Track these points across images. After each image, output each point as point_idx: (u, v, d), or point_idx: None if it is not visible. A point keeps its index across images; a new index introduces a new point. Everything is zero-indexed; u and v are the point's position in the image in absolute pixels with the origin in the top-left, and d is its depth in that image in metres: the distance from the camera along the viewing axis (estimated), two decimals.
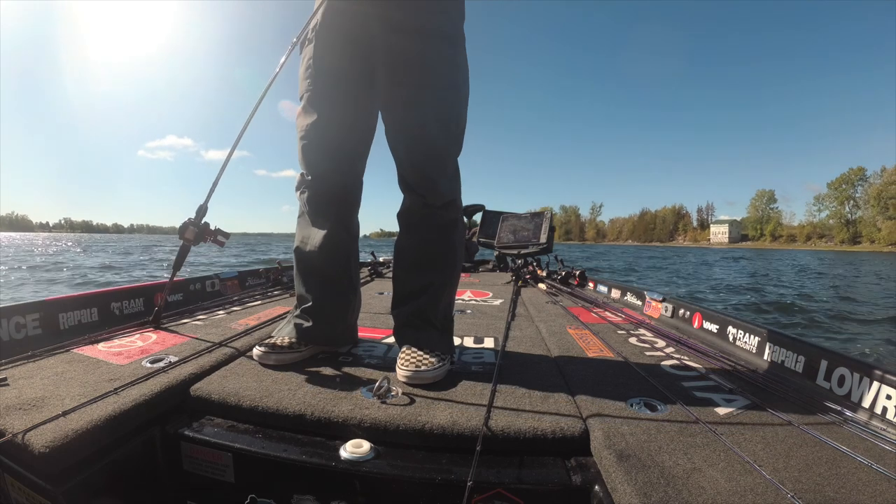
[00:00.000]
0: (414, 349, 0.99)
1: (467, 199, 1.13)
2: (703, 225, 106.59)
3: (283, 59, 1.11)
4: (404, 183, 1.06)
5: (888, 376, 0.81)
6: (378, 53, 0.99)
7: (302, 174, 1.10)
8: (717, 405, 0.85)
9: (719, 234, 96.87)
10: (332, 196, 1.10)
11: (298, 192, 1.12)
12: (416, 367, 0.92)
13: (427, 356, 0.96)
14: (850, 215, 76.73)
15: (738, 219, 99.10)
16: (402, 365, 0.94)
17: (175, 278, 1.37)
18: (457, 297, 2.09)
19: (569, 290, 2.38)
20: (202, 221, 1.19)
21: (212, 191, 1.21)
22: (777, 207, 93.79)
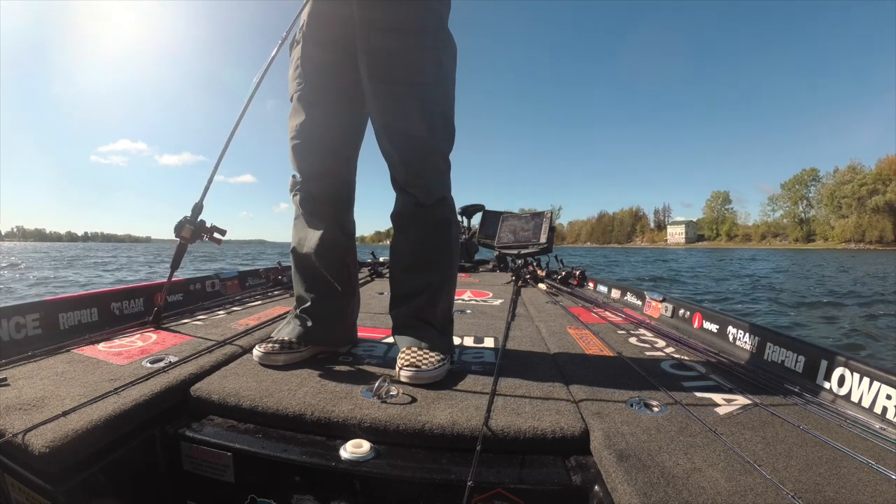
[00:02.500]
0: (414, 349, 0.99)
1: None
2: (660, 226, 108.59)
3: (268, 60, 1.11)
4: (395, 183, 1.06)
5: (888, 376, 0.81)
6: (361, 52, 0.98)
7: (294, 176, 1.10)
8: (718, 405, 0.85)
9: (676, 234, 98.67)
10: (325, 197, 1.09)
11: (292, 195, 1.11)
12: (416, 366, 0.92)
13: (427, 356, 0.96)
14: (803, 214, 78.61)
15: (695, 220, 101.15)
16: (402, 365, 0.94)
17: (175, 279, 1.37)
18: (457, 297, 2.09)
19: (569, 290, 2.38)
20: (198, 219, 1.18)
21: (206, 189, 1.21)
22: (732, 208, 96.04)
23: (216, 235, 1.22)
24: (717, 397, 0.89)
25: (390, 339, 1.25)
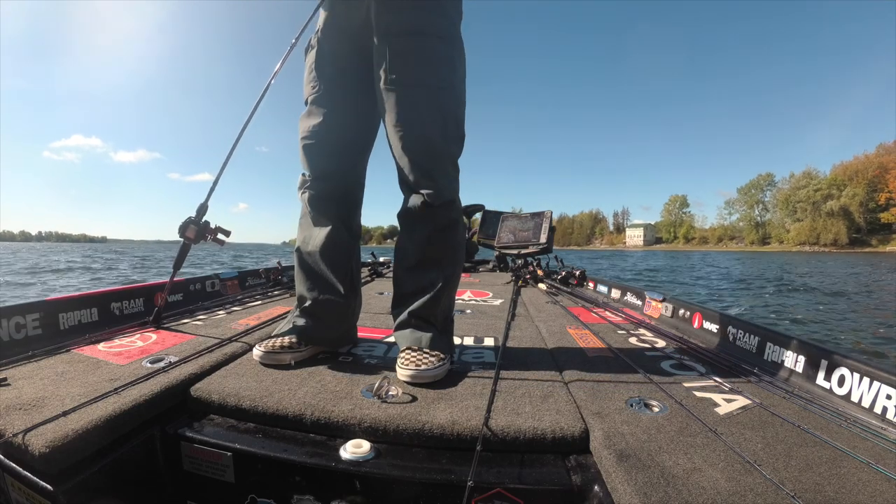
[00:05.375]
0: (414, 349, 0.99)
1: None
2: (619, 229, 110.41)
3: (278, 65, 1.12)
4: (404, 183, 1.06)
5: (888, 376, 0.81)
6: (378, 55, 1.00)
7: (303, 175, 1.11)
8: (717, 405, 0.85)
9: (635, 237, 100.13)
10: (333, 196, 1.10)
11: (300, 193, 1.12)
12: (417, 366, 0.92)
13: (427, 355, 0.96)
14: (759, 218, 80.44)
15: (653, 222, 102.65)
16: (403, 364, 0.94)
17: (175, 278, 1.37)
18: (457, 297, 2.09)
19: (568, 290, 2.38)
20: (202, 220, 1.19)
21: (212, 190, 1.21)
22: (689, 211, 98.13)
23: (220, 236, 1.22)
24: (717, 397, 0.89)
25: (390, 339, 1.25)
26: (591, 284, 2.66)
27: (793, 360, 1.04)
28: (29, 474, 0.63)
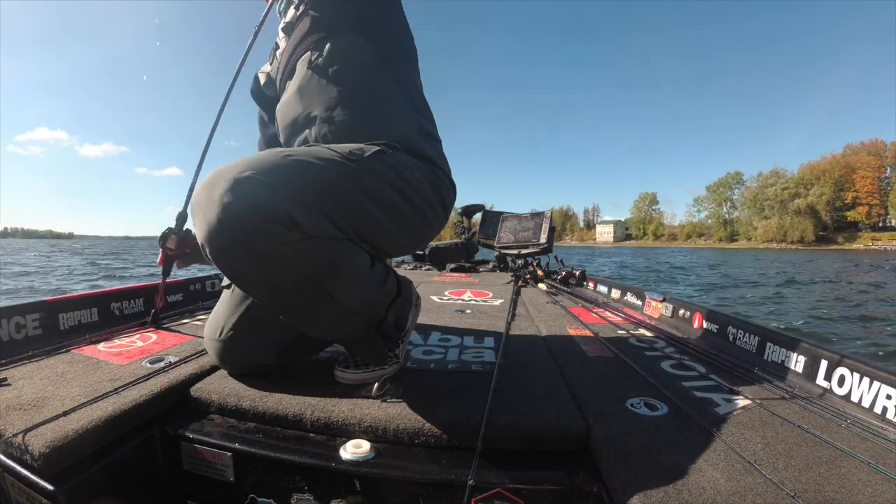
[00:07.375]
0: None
1: None
2: (590, 225, 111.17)
3: (243, 54, 1.12)
4: None
5: (888, 376, 0.81)
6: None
7: None
8: (717, 405, 0.85)
9: (605, 233, 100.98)
10: None
11: None
12: (346, 367, 0.92)
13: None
14: (727, 215, 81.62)
15: (623, 219, 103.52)
16: (338, 366, 0.93)
17: (174, 279, 1.37)
18: (457, 297, 2.09)
19: (569, 289, 2.38)
20: (184, 229, 1.15)
21: (189, 196, 1.20)
22: (659, 208, 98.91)
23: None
24: (717, 397, 0.89)
25: None
26: (590, 284, 2.66)
27: (793, 360, 1.04)
28: (29, 474, 0.63)
